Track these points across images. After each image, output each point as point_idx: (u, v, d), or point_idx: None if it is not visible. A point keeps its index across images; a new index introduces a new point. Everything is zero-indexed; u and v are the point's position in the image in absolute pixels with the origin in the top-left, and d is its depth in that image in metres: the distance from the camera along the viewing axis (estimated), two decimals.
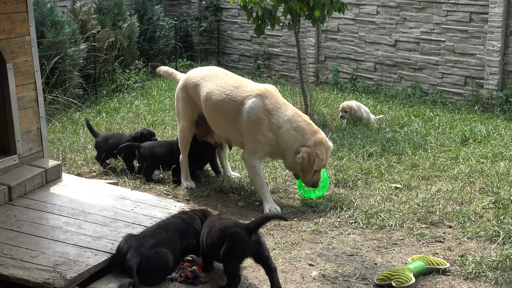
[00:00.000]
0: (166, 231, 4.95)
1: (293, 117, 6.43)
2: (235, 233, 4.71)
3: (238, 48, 14.81)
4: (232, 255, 4.70)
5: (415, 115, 10.00)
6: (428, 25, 11.44)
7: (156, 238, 4.85)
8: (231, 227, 4.77)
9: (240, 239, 4.68)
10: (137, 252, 4.71)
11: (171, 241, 4.92)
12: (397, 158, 7.89)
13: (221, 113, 6.66)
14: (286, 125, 6.39)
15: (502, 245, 5.51)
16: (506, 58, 10.54)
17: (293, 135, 6.38)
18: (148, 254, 4.74)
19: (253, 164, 6.53)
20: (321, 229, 5.96)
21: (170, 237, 4.92)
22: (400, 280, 4.79)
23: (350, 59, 12.68)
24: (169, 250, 4.86)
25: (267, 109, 6.43)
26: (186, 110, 7.06)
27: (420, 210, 6.31)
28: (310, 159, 6.27)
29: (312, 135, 6.37)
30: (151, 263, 4.73)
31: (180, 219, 5.10)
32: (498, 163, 7.54)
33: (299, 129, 6.38)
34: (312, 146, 6.31)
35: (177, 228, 5.01)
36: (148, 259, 4.72)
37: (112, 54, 11.84)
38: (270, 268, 4.77)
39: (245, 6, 9.75)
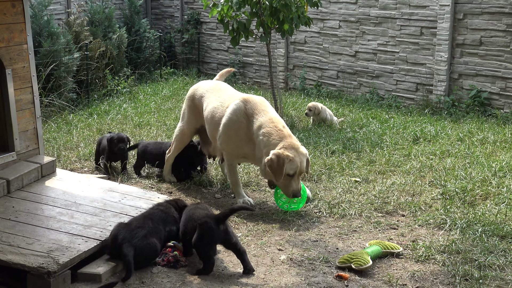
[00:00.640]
0: (152, 221, 4.92)
1: (265, 123, 5.96)
2: (204, 222, 4.71)
3: (216, 57, 14.73)
4: (202, 242, 4.70)
5: (372, 117, 10.01)
6: (384, 38, 11.47)
7: (146, 229, 4.80)
8: (202, 217, 4.77)
9: (209, 228, 4.69)
10: (131, 244, 4.65)
11: (157, 230, 4.89)
12: (357, 155, 7.89)
13: (212, 120, 6.39)
14: (258, 131, 5.99)
15: (449, 231, 5.52)
16: (452, 67, 10.60)
17: (261, 140, 5.94)
18: (140, 245, 4.69)
19: (230, 163, 6.36)
20: (289, 218, 5.93)
21: (156, 226, 4.89)
22: (359, 262, 4.78)
23: (316, 68, 12.68)
24: (157, 240, 4.83)
25: (247, 113, 6.11)
26: (190, 118, 6.82)
27: (376, 201, 6.31)
28: (279, 161, 5.67)
29: (280, 140, 5.82)
30: (143, 253, 4.69)
31: (159, 210, 5.08)
32: (445, 159, 7.57)
33: (267, 134, 5.89)
34: (281, 149, 5.76)
35: (159, 217, 4.99)
36: (141, 250, 4.68)
37: (103, 62, 11.71)
38: (240, 251, 4.77)
39: (222, 20, 9.70)
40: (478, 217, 5.74)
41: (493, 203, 6.09)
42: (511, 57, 9.89)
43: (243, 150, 6.23)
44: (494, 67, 10.10)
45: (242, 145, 6.19)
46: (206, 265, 4.75)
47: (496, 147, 8.07)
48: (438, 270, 4.79)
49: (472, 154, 7.69)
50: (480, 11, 10.15)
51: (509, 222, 5.58)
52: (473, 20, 10.25)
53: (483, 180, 6.70)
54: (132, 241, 4.67)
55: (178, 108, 10.51)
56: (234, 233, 4.91)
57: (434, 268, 4.83)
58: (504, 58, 9.97)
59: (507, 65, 9.93)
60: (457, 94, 10.55)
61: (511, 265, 4.82)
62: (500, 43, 9.99)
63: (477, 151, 7.83)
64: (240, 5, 9.39)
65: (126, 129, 9.16)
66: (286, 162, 5.71)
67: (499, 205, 6.02)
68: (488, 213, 5.83)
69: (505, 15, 9.86)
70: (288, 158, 5.72)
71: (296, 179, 5.85)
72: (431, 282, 4.61)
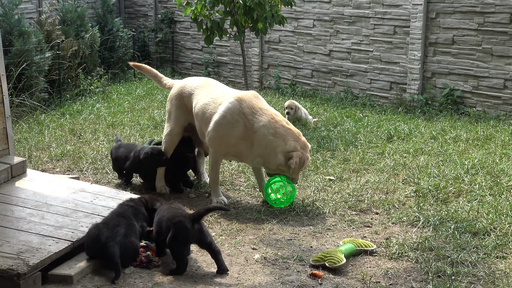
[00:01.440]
0: (125, 218, 4.87)
1: (269, 123, 5.98)
2: (179, 222, 4.69)
3: (190, 57, 14.68)
4: (177, 242, 4.67)
5: (347, 116, 10.05)
6: (358, 37, 11.53)
7: (123, 227, 4.75)
8: (176, 217, 4.74)
9: (184, 227, 4.66)
10: (116, 243, 4.60)
11: (133, 227, 4.85)
12: (331, 153, 7.91)
13: (203, 116, 6.27)
14: (263, 130, 5.97)
15: (422, 229, 5.56)
16: (425, 66, 10.69)
17: (272, 140, 5.96)
18: (124, 243, 4.66)
19: (215, 160, 6.27)
20: (263, 217, 5.92)
21: (130, 223, 4.85)
22: (332, 260, 4.78)
23: (290, 67, 12.70)
24: (135, 238, 4.80)
25: (243, 112, 6.03)
26: (178, 117, 6.63)
27: (350, 199, 6.33)
28: (301, 163, 6.02)
29: (295, 140, 6.02)
30: (127, 251, 4.66)
31: (129, 206, 5.04)
32: (419, 157, 7.63)
33: (279, 135, 5.96)
34: (300, 150, 6.02)
35: (131, 213, 4.95)
36: (125, 248, 4.65)
37: (75, 61, 11.59)
38: (214, 251, 4.75)
39: (195, 18, 9.66)
40: (450, 214, 5.79)
41: (466, 200, 6.15)
42: (483, 56, 10.00)
43: (236, 148, 6.13)
44: (467, 66, 10.21)
45: (235, 144, 6.09)
46: (179, 265, 4.73)
47: (469, 145, 8.15)
48: (411, 267, 4.82)
49: (445, 152, 7.76)
50: (452, 10, 10.25)
51: (481, 219, 5.64)
52: (446, 19, 10.35)
53: (455, 177, 6.76)
54: (117, 240, 4.62)
55: (152, 108, 10.45)
56: (209, 233, 4.89)
57: (407, 265, 4.86)
58: (476, 57, 10.08)
59: (479, 64, 10.05)
60: (430, 93, 10.64)
61: (483, 261, 4.87)
62: (472, 42, 10.10)
63: (450, 149, 7.90)
64: (213, 4, 9.35)
65: (99, 129, 9.08)
66: (306, 163, 6.13)
67: (471, 202, 6.07)
68: (460, 210, 5.89)
69: (477, 14, 9.97)
70: (308, 159, 6.17)
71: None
72: (404, 279, 4.63)
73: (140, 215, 5.01)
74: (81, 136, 8.74)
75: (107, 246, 4.57)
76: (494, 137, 8.44)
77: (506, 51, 9.75)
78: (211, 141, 6.18)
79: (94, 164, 7.41)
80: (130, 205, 5.05)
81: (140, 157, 6.55)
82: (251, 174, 7.06)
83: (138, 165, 6.65)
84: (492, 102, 9.99)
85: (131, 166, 6.69)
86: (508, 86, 9.79)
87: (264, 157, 6.05)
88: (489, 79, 9.98)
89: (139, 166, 6.64)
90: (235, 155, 6.30)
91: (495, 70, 9.90)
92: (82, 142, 8.42)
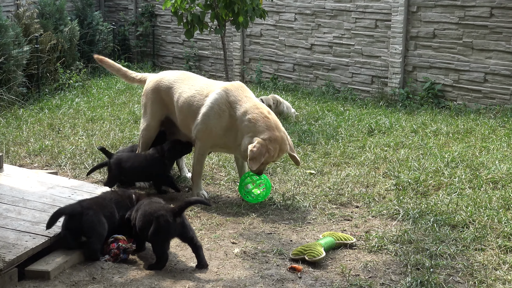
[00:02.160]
0: (103, 199, 4.98)
1: (250, 109, 5.93)
2: (161, 215, 4.67)
3: (171, 50, 14.63)
4: (158, 236, 4.66)
5: (328, 110, 10.08)
6: (340, 30, 11.55)
7: (94, 204, 4.88)
8: (158, 211, 4.73)
9: (165, 221, 4.65)
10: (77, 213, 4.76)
11: (108, 208, 4.92)
12: (312, 147, 7.93)
13: (190, 109, 6.23)
14: (243, 116, 5.92)
15: (402, 222, 5.60)
16: (406, 59, 10.75)
17: (246, 125, 5.89)
18: (93, 217, 4.77)
19: (202, 153, 6.24)
20: (243, 211, 5.93)
21: (107, 204, 4.93)
22: (312, 254, 4.80)
23: (272, 61, 12.70)
24: (106, 218, 4.85)
25: (229, 101, 6.01)
26: (155, 111, 6.58)
27: (331, 192, 6.35)
28: (261, 151, 5.75)
29: (267, 128, 5.84)
30: (86, 223, 4.73)
31: (114, 193, 5.14)
32: (399, 150, 7.67)
33: (253, 120, 5.86)
34: (267, 140, 5.80)
35: (112, 198, 5.03)
36: (86, 219, 4.74)
37: (54, 55, 11.48)
38: (196, 246, 4.74)
39: (176, 12, 9.62)
40: (430, 207, 5.83)
41: (445, 193, 6.20)
42: (463, 49, 10.08)
43: (222, 139, 6.11)
44: (447, 60, 10.27)
45: (222, 135, 6.07)
46: (159, 260, 4.71)
47: (449, 138, 8.22)
48: (391, 260, 4.85)
49: (426, 146, 7.81)
50: (433, 4, 10.31)
51: (460, 211, 5.69)
52: (427, 12, 10.40)
53: (435, 170, 6.81)
54: (89, 212, 4.76)
55: (132, 102, 10.40)
56: (191, 227, 4.86)
57: (386, 258, 4.89)
58: (457, 51, 10.15)
59: (460, 58, 10.12)
60: (412, 87, 10.70)
61: (461, 253, 4.92)
62: (453, 36, 10.16)
63: (430, 143, 7.96)
64: None
65: (78, 123, 9.02)
66: (266, 155, 5.80)
67: (451, 195, 6.12)
68: (440, 203, 5.93)
69: (458, 8, 10.04)
70: (269, 152, 5.81)
71: (265, 165, 6.01)
72: (383, 272, 4.67)
73: (124, 203, 5.03)
74: (60, 130, 8.68)
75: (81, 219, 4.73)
76: (474, 130, 8.52)
77: (486, 45, 9.83)
78: (200, 133, 6.15)
79: (73, 159, 7.36)
80: (116, 191, 5.14)
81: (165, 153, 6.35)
82: (232, 168, 7.07)
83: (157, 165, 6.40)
84: (472, 96, 10.07)
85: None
86: (488, 80, 9.87)
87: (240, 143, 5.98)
88: (469, 72, 10.05)
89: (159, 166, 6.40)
90: (222, 147, 6.29)
91: (476, 63, 9.98)
92: (61, 137, 8.36)
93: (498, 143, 7.78)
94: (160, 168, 6.33)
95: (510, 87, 9.67)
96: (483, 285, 4.44)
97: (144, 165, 6.32)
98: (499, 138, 8.04)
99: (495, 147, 7.62)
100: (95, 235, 4.75)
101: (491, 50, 9.79)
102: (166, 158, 6.32)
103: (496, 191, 6.19)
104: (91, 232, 4.74)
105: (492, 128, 8.56)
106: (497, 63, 9.76)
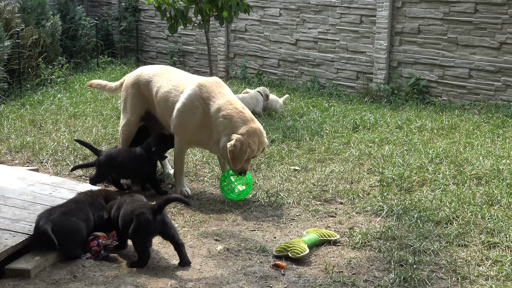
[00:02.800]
0: (77, 203, 4.90)
1: (224, 105, 5.88)
2: (141, 213, 4.65)
3: (155, 46, 14.57)
4: (139, 234, 4.64)
5: (313, 106, 10.09)
6: (325, 26, 11.56)
7: (67, 207, 4.80)
8: (138, 208, 4.71)
9: (146, 219, 4.63)
10: (48, 220, 4.63)
11: (82, 210, 4.84)
12: (297, 143, 7.94)
13: (166, 104, 6.22)
14: (217, 113, 5.87)
15: (386, 218, 5.62)
16: (391, 55, 10.78)
17: (221, 122, 5.84)
18: (58, 221, 4.66)
19: (180, 149, 6.23)
20: (226, 208, 5.92)
21: (80, 207, 4.85)
22: (295, 251, 4.81)
23: (257, 56, 12.68)
24: (81, 220, 4.77)
25: (202, 97, 5.96)
26: (135, 106, 6.54)
27: (315, 189, 6.36)
28: (242, 148, 5.69)
29: (243, 123, 5.78)
30: (62, 229, 4.63)
31: (85, 195, 5.06)
32: (384, 146, 7.70)
33: (228, 116, 5.80)
34: (245, 135, 5.73)
35: (85, 200, 4.96)
36: (59, 226, 4.63)
37: (36, 50, 11.39)
38: (178, 244, 4.72)
39: (159, 7, 9.59)
40: (414, 203, 5.86)
41: (429, 189, 6.23)
42: (448, 45, 10.12)
43: (198, 136, 6.09)
44: (432, 55, 10.32)
45: (197, 131, 6.05)
46: (141, 258, 4.70)
47: (434, 134, 8.26)
48: (374, 257, 4.87)
49: (410, 141, 7.85)
50: None
51: (444, 207, 5.72)
52: (411, 8, 10.44)
53: (420, 166, 6.84)
54: (50, 218, 4.65)
55: (115, 98, 10.34)
56: (173, 225, 4.83)
57: (370, 255, 4.91)
58: (441, 46, 10.20)
59: (445, 53, 10.17)
60: (397, 82, 10.73)
61: (445, 249, 4.94)
62: (437, 31, 10.21)
63: (415, 138, 8.00)
64: None
65: (61, 119, 8.96)
66: (248, 150, 5.74)
67: (435, 191, 6.16)
68: (424, 199, 5.96)
69: (442, 4, 10.08)
70: (250, 147, 5.74)
71: (248, 161, 5.93)
72: (367, 269, 4.68)
73: (97, 204, 4.99)
74: (42, 127, 8.62)
75: (38, 225, 4.62)
76: (459, 126, 8.56)
77: (471, 41, 9.88)
78: (176, 129, 6.15)
79: (55, 155, 7.31)
80: (87, 194, 5.07)
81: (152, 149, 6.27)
82: (216, 164, 7.06)
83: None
84: (457, 92, 10.13)
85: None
86: (473, 76, 9.93)
87: (218, 142, 5.94)
88: (454, 68, 10.11)
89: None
90: (199, 143, 6.28)
91: (460, 59, 10.03)
92: (43, 133, 8.30)
93: (482, 139, 7.83)
94: (151, 166, 6.30)
95: (494, 83, 9.74)
96: (466, 281, 4.47)
97: (134, 164, 6.25)
98: (483, 134, 8.09)
99: (479, 143, 7.67)
100: (70, 244, 4.70)
101: (476, 46, 9.84)
102: (155, 154, 6.30)
103: (480, 187, 6.23)
104: (66, 242, 4.67)
105: (476, 124, 8.61)
106: (481, 58, 9.81)
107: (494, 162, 6.83)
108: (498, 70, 9.66)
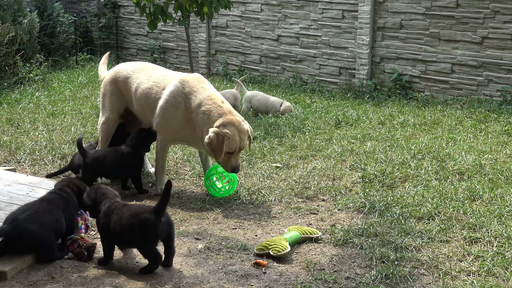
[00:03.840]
0: (48, 203, 4.75)
1: (204, 100, 5.86)
2: (145, 219, 4.46)
3: (135, 42, 14.50)
4: (148, 241, 4.49)
5: (295, 102, 10.10)
6: (307, 21, 11.58)
7: (33, 209, 4.64)
8: (140, 213, 4.51)
9: (152, 224, 4.46)
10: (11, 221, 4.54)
11: (52, 211, 4.68)
12: (279, 140, 7.95)
13: (147, 101, 6.17)
14: (197, 109, 5.86)
15: (368, 215, 5.65)
16: (374, 51, 10.82)
17: (201, 118, 5.84)
18: (23, 228, 4.52)
19: (163, 147, 6.19)
20: (207, 206, 5.91)
21: (51, 208, 4.70)
22: (277, 249, 4.81)
23: (238, 53, 12.67)
24: (49, 220, 4.63)
25: (184, 93, 5.95)
26: (113, 103, 6.51)
27: (297, 186, 6.37)
28: (218, 139, 5.66)
29: (219, 116, 5.76)
30: (27, 233, 4.52)
31: (58, 194, 4.86)
32: (366, 143, 7.73)
33: (207, 111, 5.80)
34: (220, 126, 5.71)
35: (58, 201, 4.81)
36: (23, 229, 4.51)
37: (13, 48, 11.27)
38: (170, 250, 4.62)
39: (138, 3, 9.53)
40: (396, 199, 5.89)
41: (412, 185, 6.27)
42: (430, 40, 10.18)
43: (181, 133, 6.07)
44: (415, 50, 10.38)
45: (181, 128, 6.03)
46: (153, 261, 4.55)
47: (416, 129, 8.31)
48: (356, 254, 4.89)
49: (393, 137, 7.89)
50: None
51: (426, 203, 5.75)
52: (393, 3, 10.48)
53: (402, 162, 6.88)
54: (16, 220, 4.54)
55: (95, 96, 10.29)
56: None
57: (352, 252, 4.93)
58: (424, 41, 10.26)
59: (427, 48, 10.22)
60: (379, 78, 10.78)
61: (427, 245, 4.98)
62: (420, 26, 10.26)
63: (397, 134, 8.04)
64: None
65: (39, 118, 8.89)
66: (225, 140, 5.69)
67: (417, 187, 6.19)
68: (406, 195, 6.00)
69: None
70: (227, 136, 5.69)
71: (235, 155, 5.85)
72: (348, 266, 4.70)
73: (71, 204, 4.85)
74: (19, 126, 8.55)
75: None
76: (441, 121, 8.62)
77: (453, 36, 9.94)
78: (159, 127, 6.13)
79: (32, 155, 7.26)
80: (59, 193, 4.87)
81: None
82: (197, 162, 7.05)
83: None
84: (439, 87, 10.19)
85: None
86: (455, 71, 10.00)
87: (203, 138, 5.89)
88: (436, 63, 10.17)
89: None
90: (183, 140, 6.25)
91: (443, 54, 10.10)
92: (20, 133, 8.23)
93: (464, 134, 7.89)
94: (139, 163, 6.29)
95: (477, 78, 9.81)
96: (447, 276, 4.50)
97: (123, 163, 6.19)
98: (466, 129, 8.15)
99: (461, 138, 7.73)
100: (42, 249, 4.63)
101: (458, 40, 9.91)
102: (142, 150, 6.28)
103: (462, 182, 6.28)
104: (36, 248, 4.60)
105: (459, 119, 8.68)
106: (464, 53, 9.88)
107: (476, 157, 6.89)
108: (480, 65, 9.74)
